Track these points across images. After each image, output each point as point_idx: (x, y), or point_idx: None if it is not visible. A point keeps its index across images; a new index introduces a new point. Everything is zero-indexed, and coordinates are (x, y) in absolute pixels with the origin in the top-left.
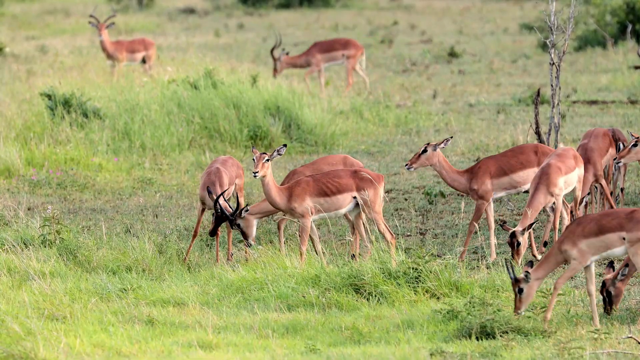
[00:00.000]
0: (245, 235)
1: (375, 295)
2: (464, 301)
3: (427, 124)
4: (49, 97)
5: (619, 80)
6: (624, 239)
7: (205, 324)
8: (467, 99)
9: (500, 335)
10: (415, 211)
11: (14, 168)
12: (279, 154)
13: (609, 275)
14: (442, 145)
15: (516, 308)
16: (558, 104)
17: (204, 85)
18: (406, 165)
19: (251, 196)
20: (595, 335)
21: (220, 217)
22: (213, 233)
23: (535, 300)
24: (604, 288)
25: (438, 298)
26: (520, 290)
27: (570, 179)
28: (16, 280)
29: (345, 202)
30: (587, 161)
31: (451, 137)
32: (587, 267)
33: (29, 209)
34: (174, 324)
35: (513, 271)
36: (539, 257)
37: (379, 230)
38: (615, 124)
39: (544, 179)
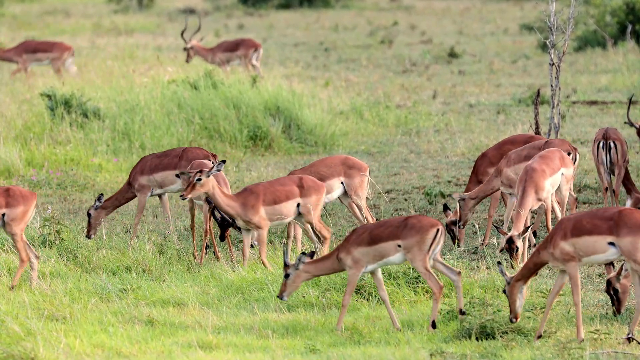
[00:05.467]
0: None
1: (375, 296)
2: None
3: (427, 124)
4: (49, 97)
5: (618, 81)
6: (399, 246)
7: (205, 324)
8: (467, 99)
9: (500, 336)
10: (415, 211)
11: (14, 168)
12: None
13: (613, 274)
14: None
15: (280, 292)
16: (558, 104)
17: (204, 85)
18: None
19: None
20: (595, 336)
21: (222, 223)
22: (222, 238)
23: (535, 301)
24: (609, 287)
25: None
26: (287, 276)
27: (555, 180)
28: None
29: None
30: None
31: (223, 162)
32: (374, 273)
33: None
34: (173, 324)
35: (285, 255)
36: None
37: None
38: (615, 125)
39: (530, 184)
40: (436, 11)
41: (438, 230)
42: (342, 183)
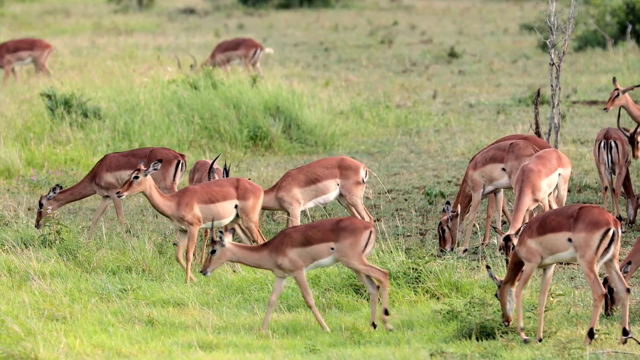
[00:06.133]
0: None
1: None
2: (464, 301)
3: (427, 124)
4: (49, 97)
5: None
6: (332, 249)
7: (205, 324)
8: (467, 99)
9: (500, 336)
10: (416, 211)
11: (14, 168)
12: None
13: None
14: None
15: (204, 267)
16: (558, 104)
17: (204, 85)
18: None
19: None
20: (595, 336)
21: None
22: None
23: (535, 301)
24: (605, 285)
25: (438, 298)
26: (213, 252)
27: (552, 180)
28: (16, 281)
29: None
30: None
31: (160, 161)
32: (284, 278)
33: (29, 209)
34: (174, 324)
35: (212, 234)
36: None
37: None
38: (615, 125)
39: (527, 184)
40: (436, 11)
41: (371, 232)
42: (337, 184)
